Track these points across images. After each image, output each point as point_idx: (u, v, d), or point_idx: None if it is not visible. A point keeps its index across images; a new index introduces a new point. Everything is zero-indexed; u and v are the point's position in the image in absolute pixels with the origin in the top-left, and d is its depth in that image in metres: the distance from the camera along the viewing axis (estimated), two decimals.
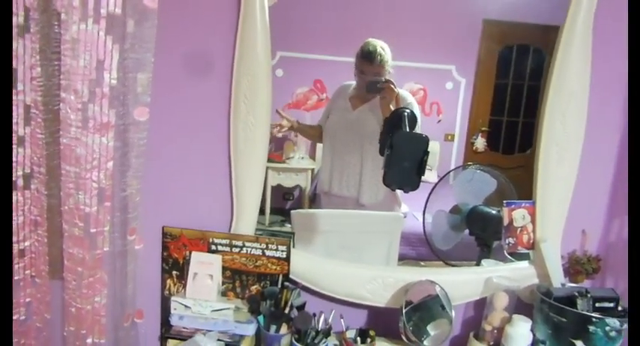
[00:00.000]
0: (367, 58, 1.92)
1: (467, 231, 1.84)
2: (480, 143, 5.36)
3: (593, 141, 1.54)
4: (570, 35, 1.49)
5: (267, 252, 1.50)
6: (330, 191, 2.00)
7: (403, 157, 1.20)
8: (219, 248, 1.51)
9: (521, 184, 1.76)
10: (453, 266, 1.79)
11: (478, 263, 1.73)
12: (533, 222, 1.57)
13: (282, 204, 4.94)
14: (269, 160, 4.58)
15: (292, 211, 1.89)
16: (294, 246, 1.56)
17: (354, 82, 2.05)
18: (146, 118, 1.23)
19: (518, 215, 1.58)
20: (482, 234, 1.81)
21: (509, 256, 1.61)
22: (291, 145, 4.48)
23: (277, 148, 4.66)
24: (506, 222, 1.59)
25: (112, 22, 1.15)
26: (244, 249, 1.51)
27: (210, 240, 1.51)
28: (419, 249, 3.11)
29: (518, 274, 1.57)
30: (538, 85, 5.06)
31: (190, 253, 1.51)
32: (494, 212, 1.73)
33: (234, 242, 1.51)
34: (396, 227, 1.92)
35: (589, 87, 1.50)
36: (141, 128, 1.23)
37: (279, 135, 2.36)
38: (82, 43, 1.13)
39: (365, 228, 1.90)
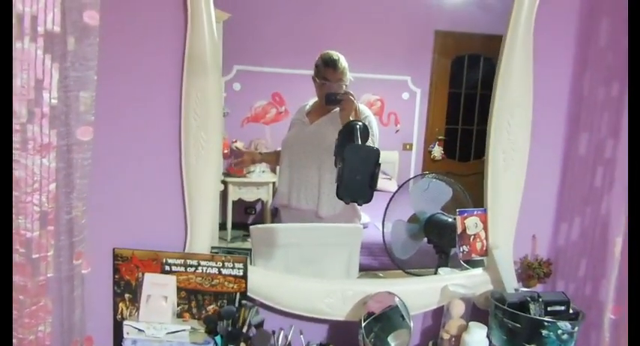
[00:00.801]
0: (330, 64, 1.96)
1: (425, 240, 1.86)
2: (437, 151, 5.46)
3: (538, 148, 1.59)
4: (512, 44, 1.54)
5: (224, 271, 1.47)
6: (289, 204, 1.99)
7: (355, 170, 1.20)
8: (174, 268, 1.47)
9: (479, 191, 1.77)
10: (413, 275, 1.80)
11: (437, 271, 1.75)
12: (485, 229, 1.61)
13: (244, 218, 4.89)
14: (229, 175, 4.56)
15: (251, 227, 1.87)
16: (251, 263, 1.54)
17: (311, 101, 2.07)
18: (90, 138, 1.19)
19: (471, 223, 1.61)
20: (439, 241, 1.83)
21: (464, 263, 1.64)
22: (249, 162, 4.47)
23: (237, 162, 4.63)
24: (459, 230, 1.61)
25: (50, 39, 1.11)
26: (200, 268, 1.48)
27: (164, 261, 1.47)
28: (380, 259, 3.12)
29: (473, 281, 1.59)
30: (490, 93, 5.22)
31: (143, 275, 1.47)
32: (450, 220, 1.75)
33: (188, 261, 1.47)
34: (355, 238, 1.92)
35: (532, 95, 1.55)
36: (84, 148, 1.19)
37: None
38: (19, 61, 1.09)
39: (324, 241, 1.89)
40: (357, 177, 1.20)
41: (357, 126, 1.42)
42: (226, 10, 3.67)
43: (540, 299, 1.39)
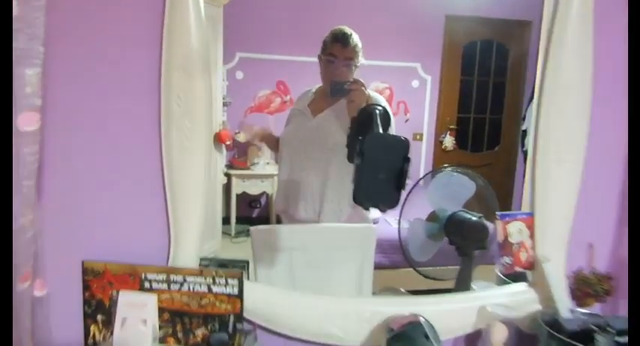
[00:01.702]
0: (340, 39, 1.69)
1: (446, 240, 1.62)
2: (449, 141, 5.24)
3: (598, 139, 1.32)
4: (566, 12, 1.25)
5: (215, 288, 1.22)
6: (287, 211, 1.76)
7: (377, 167, 0.93)
8: (154, 285, 1.22)
9: (493, 185, 1.66)
10: (431, 278, 1.60)
11: (460, 277, 1.52)
12: (531, 236, 1.34)
13: (248, 212, 4.72)
14: (233, 167, 4.35)
15: (251, 228, 1.62)
16: (248, 278, 1.27)
17: (314, 88, 1.82)
18: (36, 127, 0.92)
19: (515, 229, 1.34)
20: (462, 242, 1.60)
21: (504, 277, 1.37)
22: (256, 150, 4.25)
23: (240, 154, 4.43)
24: (500, 237, 1.34)
25: None
26: (185, 284, 1.22)
27: (143, 276, 1.21)
28: (392, 257, 2.90)
29: (516, 300, 1.33)
30: (503, 81, 4.97)
31: (118, 293, 1.21)
32: (474, 218, 1.53)
33: (172, 276, 1.21)
34: (367, 241, 1.68)
35: (591, 74, 1.26)
36: (29, 140, 0.92)
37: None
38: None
39: (333, 244, 1.64)
40: (379, 176, 0.93)
41: (377, 112, 1.14)
42: None
43: (611, 330, 1.12)
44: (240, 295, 1.22)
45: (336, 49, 1.67)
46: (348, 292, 1.56)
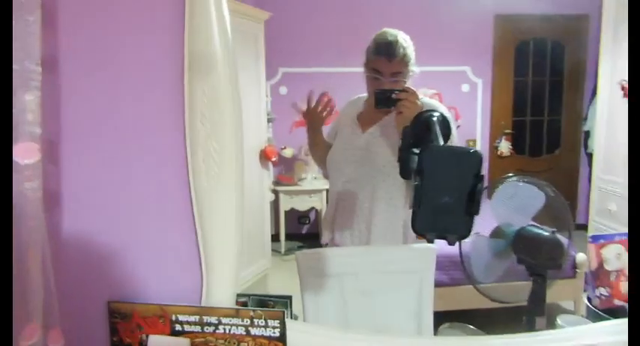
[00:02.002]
0: (384, 51, 1.44)
1: (514, 258, 1.46)
2: (505, 147, 4.99)
3: None
4: None
5: (253, 330, 1.09)
6: (332, 242, 1.60)
7: (441, 188, 0.77)
8: (187, 327, 1.10)
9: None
10: (499, 301, 1.47)
11: (532, 299, 1.33)
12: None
13: (297, 228, 4.66)
14: (280, 183, 4.30)
15: (297, 252, 1.50)
16: (291, 316, 1.15)
17: (364, 97, 1.62)
18: (36, 159, 0.82)
19: (611, 253, 1.14)
20: (533, 261, 1.42)
21: (601, 312, 1.17)
22: (302, 165, 4.18)
23: (287, 170, 4.37)
24: (594, 265, 1.15)
25: None
26: (221, 327, 1.10)
27: (173, 318, 1.10)
28: (453, 274, 2.74)
29: (615, 341, 1.11)
30: (560, 79, 4.69)
31: (147, 337, 1.11)
32: (546, 234, 1.35)
33: (206, 318, 1.09)
34: (426, 263, 1.52)
35: None
36: (30, 174, 0.82)
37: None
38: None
39: (386, 268, 1.49)
40: (444, 199, 0.76)
41: (434, 119, 0.98)
42: (266, 9, 3.40)
43: None
44: (282, 338, 1.08)
45: (380, 62, 1.45)
46: (406, 322, 1.41)
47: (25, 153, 0.79)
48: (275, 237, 4.07)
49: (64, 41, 0.97)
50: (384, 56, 1.44)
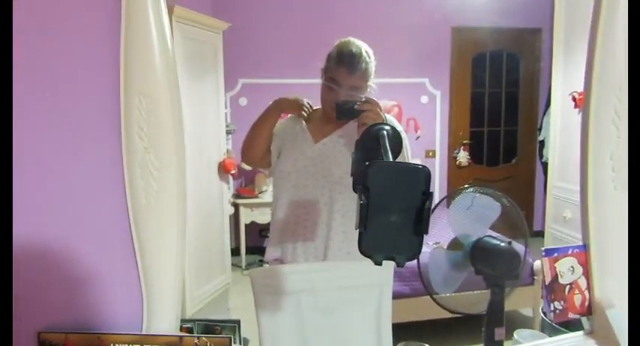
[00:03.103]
0: (347, 62, 1.37)
1: (472, 269, 1.46)
2: (463, 157, 5.07)
3: None
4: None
5: None
6: (283, 259, 1.50)
7: (388, 206, 0.71)
8: None
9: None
10: (459, 313, 1.42)
11: (491, 310, 1.31)
12: (587, 275, 1.14)
13: (259, 242, 4.57)
14: (240, 196, 4.22)
15: (250, 270, 1.42)
16: (240, 342, 1.09)
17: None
18: None
19: (565, 267, 1.13)
20: (491, 272, 1.41)
21: (551, 322, 1.18)
22: (263, 178, 4.12)
23: (248, 182, 4.30)
24: (548, 278, 1.13)
25: None
26: None
27: None
28: (413, 285, 2.72)
29: None
30: (516, 91, 4.81)
31: None
32: (503, 245, 1.34)
33: None
34: (385, 276, 1.48)
35: None
36: None
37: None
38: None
39: (345, 283, 1.44)
40: (391, 218, 0.71)
41: (384, 132, 0.94)
42: (225, 19, 3.35)
43: None
44: None
45: (340, 73, 1.37)
46: (365, 338, 1.37)
47: None
48: (235, 251, 3.99)
49: None
50: (345, 68, 1.37)
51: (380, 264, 0.72)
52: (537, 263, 2.86)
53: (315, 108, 1.53)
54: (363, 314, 1.38)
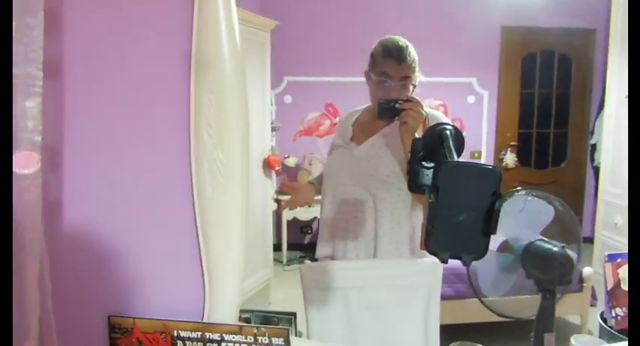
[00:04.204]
0: (394, 54, 1.41)
1: (522, 273, 1.44)
2: (510, 159, 4.95)
3: None
4: None
5: None
6: (334, 256, 1.53)
7: (457, 206, 0.74)
8: (188, 344, 1.08)
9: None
10: (506, 317, 1.42)
11: (541, 316, 1.31)
12: None
13: (300, 238, 4.63)
14: (282, 192, 4.27)
15: (301, 266, 1.46)
16: (295, 333, 1.12)
17: (359, 110, 1.59)
18: (35, 169, 0.79)
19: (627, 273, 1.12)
20: (543, 277, 1.39)
21: (610, 328, 1.15)
22: (306, 175, 4.16)
23: (291, 179, 4.35)
24: (610, 284, 1.12)
25: None
26: (223, 344, 1.07)
27: (175, 334, 1.07)
28: (457, 287, 2.70)
29: None
30: (567, 92, 4.65)
31: None
32: (556, 249, 1.32)
33: (208, 335, 1.07)
34: (433, 277, 1.49)
35: None
36: (28, 184, 0.79)
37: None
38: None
39: (393, 282, 1.45)
40: (461, 218, 0.74)
41: (448, 132, 0.94)
42: (274, 18, 3.40)
43: None
44: None
45: (390, 65, 1.40)
46: (412, 337, 1.38)
47: (24, 163, 0.76)
48: (277, 247, 4.04)
49: (68, 45, 0.95)
50: (394, 59, 1.40)
51: (446, 262, 0.75)
52: (586, 270, 2.78)
53: (357, 112, 1.58)
54: (410, 313, 1.39)
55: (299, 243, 4.54)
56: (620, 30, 3.28)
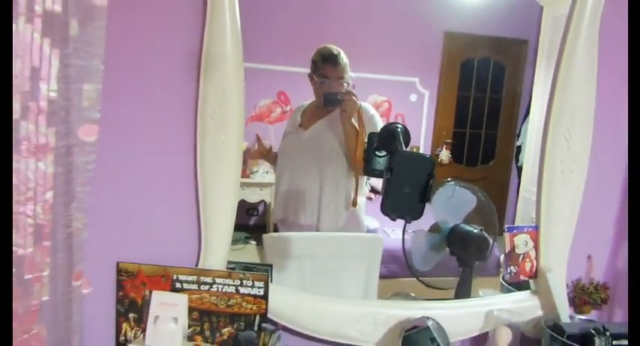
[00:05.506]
0: (330, 60, 1.80)
1: (447, 251, 1.71)
2: (445, 155, 5.30)
3: (599, 159, 1.43)
4: (574, 43, 1.35)
5: (242, 290, 1.30)
6: (286, 219, 1.87)
7: (404, 182, 1.06)
8: (185, 286, 1.30)
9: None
10: (433, 287, 1.71)
11: (460, 287, 1.61)
12: (536, 248, 1.44)
13: (245, 220, 4.77)
14: None
15: (264, 235, 1.72)
16: (272, 281, 1.36)
17: (307, 102, 1.94)
18: (94, 138, 1.01)
19: (521, 241, 1.45)
20: (463, 254, 1.70)
21: (508, 285, 1.47)
22: (255, 159, 4.32)
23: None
24: (507, 248, 1.45)
25: (50, 21, 0.93)
26: (214, 286, 1.30)
27: (174, 277, 1.29)
28: (391, 267, 2.99)
29: (520, 306, 1.43)
30: (499, 97, 5.07)
31: (150, 293, 1.30)
32: (475, 231, 1.62)
33: (202, 278, 1.30)
34: (375, 250, 1.77)
35: (594, 99, 1.37)
36: (87, 150, 1.01)
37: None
38: (12, 47, 0.91)
39: (341, 252, 1.74)
40: (405, 190, 1.06)
41: (398, 129, 1.25)
42: None
43: (607, 333, 1.23)
44: (265, 297, 1.30)
45: (328, 69, 1.78)
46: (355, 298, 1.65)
47: (86, 133, 0.96)
48: None
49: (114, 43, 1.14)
50: (330, 64, 1.78)
51: (394, 220, 1.08)
52: (503, 257, 3.15)
53: (303, 106, 1.96)
54: (353, 280, 1.69)
55: (245, 224, 4.68)
56: (548, 43, 3.65)
